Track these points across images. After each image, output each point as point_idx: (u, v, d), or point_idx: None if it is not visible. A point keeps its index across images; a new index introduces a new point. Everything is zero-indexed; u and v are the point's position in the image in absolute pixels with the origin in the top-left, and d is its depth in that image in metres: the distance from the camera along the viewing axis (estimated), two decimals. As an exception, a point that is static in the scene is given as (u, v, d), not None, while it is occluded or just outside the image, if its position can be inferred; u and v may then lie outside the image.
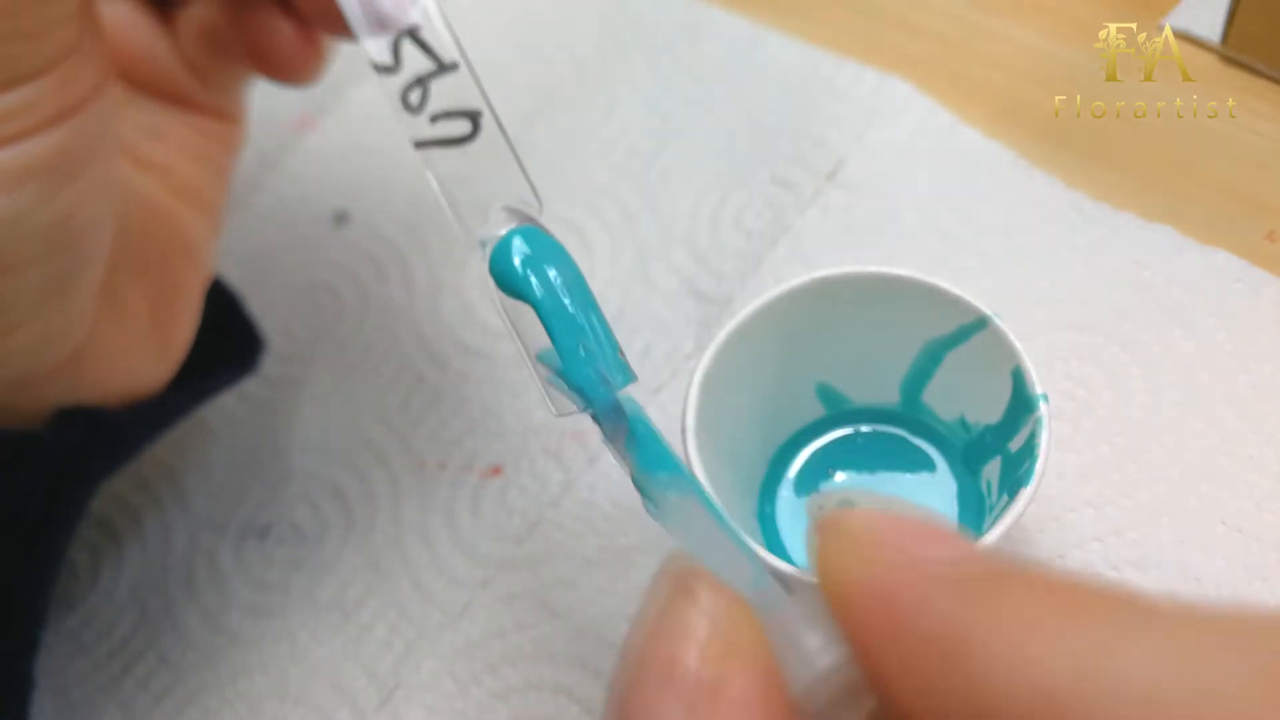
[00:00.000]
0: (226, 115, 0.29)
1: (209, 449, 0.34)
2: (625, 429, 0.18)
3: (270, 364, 0.35)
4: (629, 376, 0.21)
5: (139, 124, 0.27)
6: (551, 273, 0.21)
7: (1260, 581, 0.25)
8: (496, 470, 0.31)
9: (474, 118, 0.23)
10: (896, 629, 0.11)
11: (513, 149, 0.23)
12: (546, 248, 0.22)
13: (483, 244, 0.22)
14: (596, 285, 0.34)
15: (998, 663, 0.10)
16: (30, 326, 0.23)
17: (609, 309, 0.33)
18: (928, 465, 0.27)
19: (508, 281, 0.21)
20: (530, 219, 0.22)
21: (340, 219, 0.38)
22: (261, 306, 0.34)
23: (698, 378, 0.24)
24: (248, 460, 0.34)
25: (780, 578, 0.15)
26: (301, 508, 0.32)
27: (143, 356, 0.27)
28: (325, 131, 0.39)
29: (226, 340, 0.31)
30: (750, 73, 0.36)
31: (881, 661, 0.11)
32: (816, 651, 0.12)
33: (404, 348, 0.34)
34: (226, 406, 0.35)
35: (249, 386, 0.35)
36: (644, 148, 0.36)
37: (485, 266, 0.22)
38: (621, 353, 0.21)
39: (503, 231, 0.22)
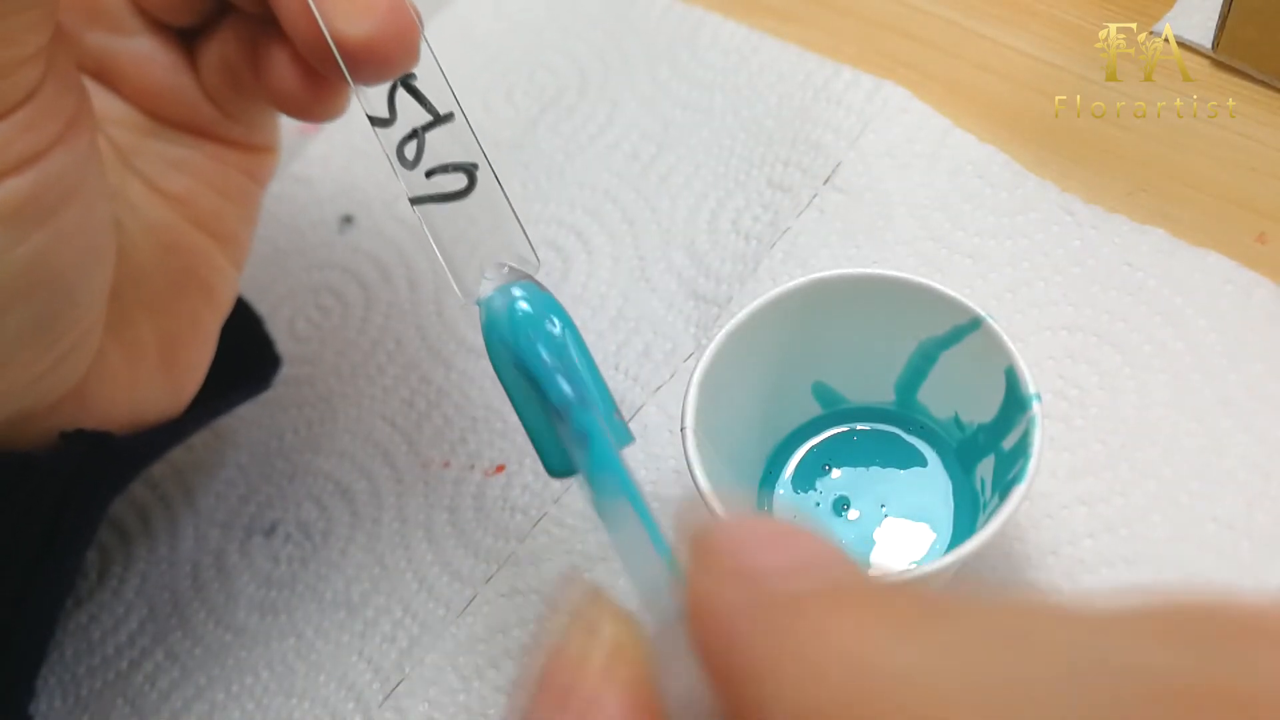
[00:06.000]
0: (254, 146, 0.28)
1: (216, 448, 0.35)
2: (588, 447, 0.18)
3: (276, 365, 0.35)
4: (626, 438, 0.21)
5: (161, 155, 0.27)
6: (553, 336, 0.21)
7: (1251, 579, 0.26)
8: (500, 468, 0.32)
9: (470, 172, 0.22)
10: (713, 648, 0.11)
11: (509, 202, 0.22)
12: (550, 313, 0.21)
13: (479, 304, 0.22)
14: (597, 287, 0.35)
15: (781, 694, 0.10)
16: (17, 367, 0.23)
17: (609, 310, 0.34)
18: (922, 463, 0.27)
19: (510, 348, 0.21)
20: (526, 276, 0.22)
21: (346, 221, 0.38)
22: (268, 308, 0.34)
23: (696, 377, 0.25)
24: (254, 459, 0.34)
25: None
26: (307, 506, 0.33)
27: (152, 391, 0.27)
28: (331, 136, 0.40)
29: (243, 357, 0.31)
30: (748, 78, 0.37)
31: (710, 681, 0.11)
32: (692, 680, 0.12)
33: (408, 348, 0.35)
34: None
35: (255, 387, 0.35)
36: (644, 152, 0.36)
37: (481, 326, 0.21)
38: (618, 413, 0.21)
39: (498, 292, 0.21)
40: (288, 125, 0.40)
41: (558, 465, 0.21)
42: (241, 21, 0.26)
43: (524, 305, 0.21)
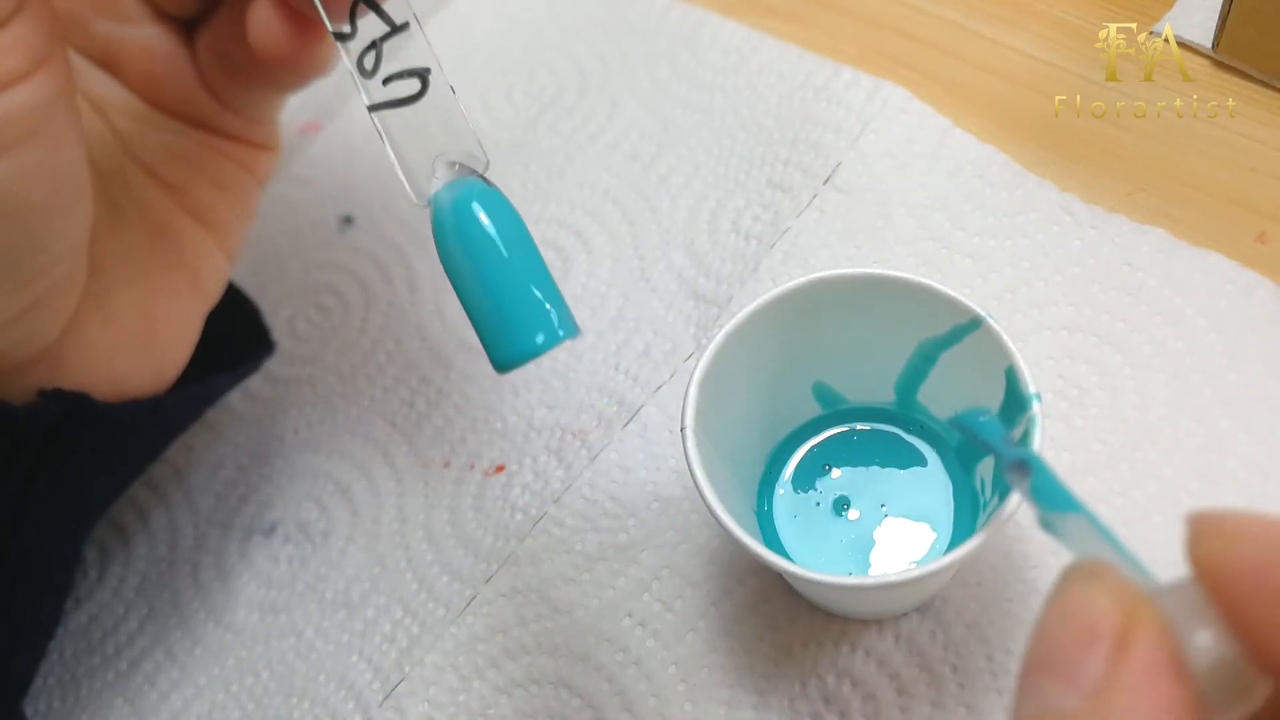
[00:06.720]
0: (255, 142, 0.29)
1: (216, 448, 0.35)
2: (1028, 474, 0.19)
3: (276, 364, 0.35)
4: (572, 330, 0.21)
5: (159, 144, 0.28)
6: (494, 226, 0.22)
7: (1250, 577, 0.26)
8: (500, 468, 0.32)
9: (423, 76, 0.23)
10: (1273, 595, 0.12)
11: (459, 103, 0.23)
12: (493, 204, 0.22)
13: (429, 204, 0.22)
14: (597, 287, 0.35)
15: None
16: None
17: (609, 310, 0.34)
18: (922, 463, 0.27)
19: (459, 237, 0.22)
20: (474, 173, 0.23)
21: (345, 222, 0.38)
22: (268, 308, 0.34)
23: (696, 377, 0.25)
24: (254, 459, 0.34)
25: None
26: (307, 505, 0.33)
27: (131, 364, 0.27)
28: (330, 136, 0.40)
29: (235, 345, 0.32)
30: (748, 78, 0.37)
31: (1263, 630, 0.12)
32: (1205, 647, 0.13)
33: (408, 348, 0.35)
34: (233, 406, 0.35)
35: (256, 386, 0.35)
36: (644, 152, 0.36)
37: (430, 223, 0.22)
38: (564, 308, 0.22)
39: (446, 188, 0.22)
40: (288, 125, 0.40)
41: (504, 358, 0.22)
42: (236, 3, 0.26)
43: (473, 201, 0.22)
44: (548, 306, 0.21)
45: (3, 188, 0.22)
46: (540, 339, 0.21)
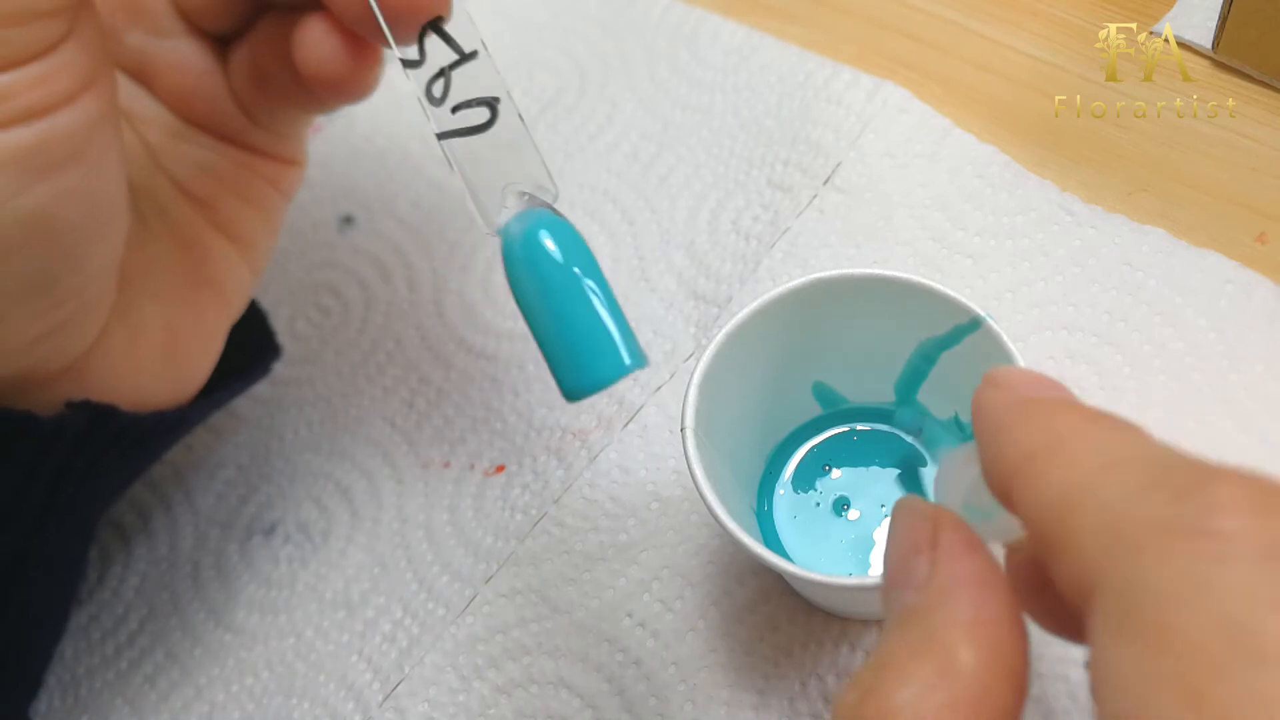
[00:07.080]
0: (283, 158, 0.29)
1: (216, 448, 0.35)
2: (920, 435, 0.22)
3: (277, 364, 0.35)
4: (641, 360, 0.22)
5: (189, 158, 0.28)
6: (562, 260, 0.22)
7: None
8: (500, 468, 0.32)
9: (492, 105, 0.23)
10: (988, 428, 0.18)
11: (529, 133, 0.23)
12: (563, 235, 0.22)
13: (499, 233, 0.23)
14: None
15: (1011, 444, 0.17)
16: (13, 323, 0.23)
17: (610, 310, 0.34)
18: (922, 463, 0.27)
19: (528, 268, 0.22)
20: (544, 204, 0.23)
21: (346, 222, 0.38)
22: (268, 308, 0.34)
23: (696, 377, 0.25)
24: (254, 459, 0.34)
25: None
26: (307, 506, 0.33)
27: (154, 378, 0.27)
28: (330, 136, 0.40)
29: (244, 348, 0.32)
30: (748, 78, 0.37)
31: (990, 463, 0.17)
32: (966, 490, 0.19)
33: (408, 348, 0.35)
34: (233, 406, 0.35)
35: (256, 387, 0.35)
36: (644, 152, 0.36)
37: (500, 252, 0.22)
38: (634, 339, 0.22)
39: (515, 219, 0.22)
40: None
41: (573, 388, 0.22)
42: (275, 21, 0.26)
43: (542, 232, 0.22)
44: (617, 338, 0.22)
45: (44, 209, 0.22)
46: (609, 370, 0.21)
